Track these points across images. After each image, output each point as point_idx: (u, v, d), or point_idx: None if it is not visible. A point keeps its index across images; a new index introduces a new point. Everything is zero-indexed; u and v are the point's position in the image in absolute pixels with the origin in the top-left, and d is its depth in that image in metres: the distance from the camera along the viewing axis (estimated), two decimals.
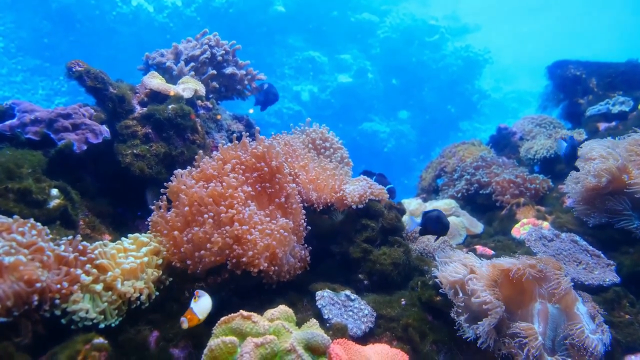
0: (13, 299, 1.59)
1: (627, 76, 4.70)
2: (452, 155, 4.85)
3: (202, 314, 1.84)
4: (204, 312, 1.86)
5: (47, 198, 2.24)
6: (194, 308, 1.83)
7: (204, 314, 1.85)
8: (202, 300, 1.88)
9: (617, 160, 2.84)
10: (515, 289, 2.18)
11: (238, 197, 2.29)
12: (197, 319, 1.83)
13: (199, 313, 1.83)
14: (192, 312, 1.82)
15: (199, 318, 1.83)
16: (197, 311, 1.83)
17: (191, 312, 1.82)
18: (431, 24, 18.32)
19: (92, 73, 2.76)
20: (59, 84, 14.37)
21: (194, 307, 1.84)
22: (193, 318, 1.82)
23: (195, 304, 1.85)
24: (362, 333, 2.17)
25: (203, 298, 1.89)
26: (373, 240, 2.77)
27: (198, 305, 1.85)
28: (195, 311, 1.83)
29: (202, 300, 1.88)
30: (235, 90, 3.84)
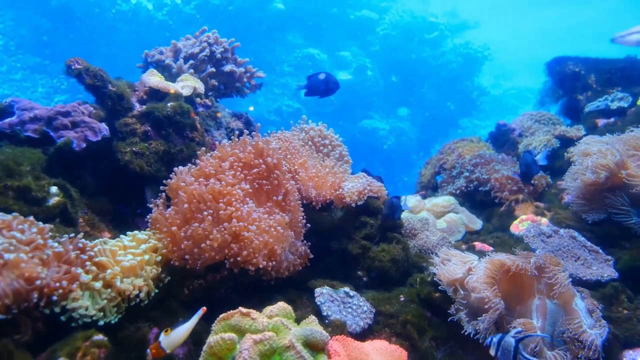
0: (12, 297, 1.60)
1: (625, 72, 4.70)
2: (451, 152, 4.85)
3: (170, 348, 1.71)
4: (172, 346, 1.71)
5: (46, 196, 2.24)
6: (162, 341, 1.70)
7: (171, 348, 1.72)
8: (175, 332, 1.72)
9: (616, 156, 2.84)
10: (514, 285, 2.19)
11: (236, 195, 2.30)
12: (164, 353, 1.70)
13: (166, 347, 1.69)
14: (159, 346, 1.69)
15: (165, 352, 1.70)
16: (164, 345, 1.69)
17: (158, 346, 1.69)
18: (430, 21, 18.31)
19: (91, 71, 2.76)
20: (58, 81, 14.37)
21: (163, 341, 1.70)
22: (159, 352, 1.69)
23: (166, 337, 1.70)
24: (361, 329, 2.18)
25: (176, 330, 1.72)
26: (372, 237, 2.78)
27: (167, 339, 1.70)
28: (163, 345, 1.69)
29: (175, 332, 1.72)
30: (235, 88, 3.84)
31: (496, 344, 1.86)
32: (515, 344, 1.80)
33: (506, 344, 1.83)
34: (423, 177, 5.09)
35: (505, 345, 1.83)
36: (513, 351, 1.80)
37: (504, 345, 1.83)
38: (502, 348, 1.84)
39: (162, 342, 1.70)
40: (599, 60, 4.98)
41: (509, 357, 1.81)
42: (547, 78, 5.37)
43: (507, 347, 1.82)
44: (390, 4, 18.76)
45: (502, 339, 1.85)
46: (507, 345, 1.82)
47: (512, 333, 1.88)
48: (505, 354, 1.83)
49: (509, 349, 1.81)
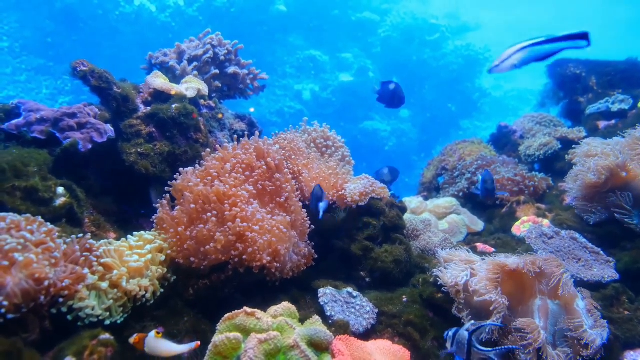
0: (21, 296, 1.62)
1: (626, 74, 4.71)
2: (453, 153, 4.87)
3: (149, 349, 1.70)
4: (151, 351, 1.71)
5: (53, 196, 2.27)
6: (148, 340, 1.70)
7: (149, 351, 1.71)
8: (162, 343, 1.72)
9: (617, 158, 2.86)
10: (516, 285, 2.20)
11: (242, 196, 2.32)
12: (142, 348, 1.71)
13: (146, 346, 1.70)
14: (142, 340, 1.71)
15: (143, 349, 1.71)
16: (147, 344, 1.70)
17: (142, 340, 1.71)
18: (432, 23, 18.31)
19: (96, 73, 2.78)
20: (62, 83, 14.41)
21: (149, 340, 1.70)
22: (138, 345, 1.71)
23: (153, 339, 1.70)
24: (364, 329, 2.19)
25: (165, 343, 1.72)
26: (375, 238, 2.80)
27: (153, 342, 1.70)
28: (146, 343, 1.70)
29: (162, 343, 1.72)
30: (238, 90, 3.86)
31: (451, 337, 1.90)
32: (468, 336, 1.83)
33: (460, 337, 1.87)
34: (425, 179, 5.10)
35: (459, 338, 1.87)
36: (467, 344, 1.83)
37: (458, 339, 1.87)
38: (456, 342, 1.87)
39: (147, 340, 1.71)
40: (600, 63, 5.00)
41: (463, 350, 1.84)
42: (548, 80, 5.39)
43: (461, 341, 1.85)
44: (392, 5, 18.78)
45: (456, 332, 1.89)
46: (461, 338, 1.86)
47: (466, 326, 1.91)
48: (459, 347, 1.86)
49: (463, 342, 1.84)
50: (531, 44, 1.96)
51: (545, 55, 2.00)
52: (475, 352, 1.82)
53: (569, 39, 1.94)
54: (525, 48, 1.97)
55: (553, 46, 1.97)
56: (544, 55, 2.00)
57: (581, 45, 1.91)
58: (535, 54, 2.00)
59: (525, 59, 2.01)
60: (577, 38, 1.90)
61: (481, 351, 1.81)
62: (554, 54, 2.01)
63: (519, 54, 1.99)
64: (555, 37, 1.95)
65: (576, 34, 1.94)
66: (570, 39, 1.94)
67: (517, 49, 1.97)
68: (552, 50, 1.98)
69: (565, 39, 1.95)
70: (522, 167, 4.35)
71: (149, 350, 1.72)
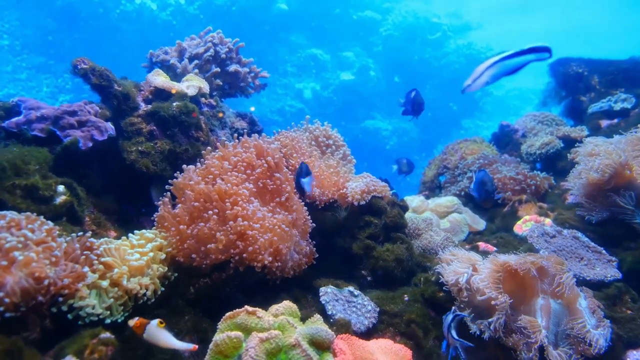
0: (21, 295, 1.61)
1: (629, 73, 4.69)
2: (454, 152, 4.85)
3: (147, 336, 1.71)
4: (150, 338, 1.71)
5: (53, 194, 2.26)
6: (149, 327, 1.71)
7: (148, 337, 1.71)
8: (163, 334, 1.71)
9: (620, 156, 2.85)
10: (518, 285, 2.19)
11: (242, 194, 2.31)
12: (140, 333, 1.71)
13: (146, 332, 1.70)
14: (143, 326, 1.71)
15: (142, 335, 1.71)
16: (147, 330, 1.70)
17: (143, 326, 1.71)
18: (433, 22, 18.31)
19: (97, 71, 2.78)
20: (63, 81, 14.42)
21: (150, 327, 1.71)
22: (138, 330, 1.72)
23: (155, 328, 1.71)
24: (366, 328, 2.19)
25: (165, 334, 1.72)
26: (376, 237, 2.79)
27: (155, 330, 1.71)
28: (147, 329, 1.70)
29: (163, 334, 1.71)
30: (239, 88, 3.85)
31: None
32: (448, 325, 1.99)
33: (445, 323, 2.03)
34: (426, 177, 5.09)
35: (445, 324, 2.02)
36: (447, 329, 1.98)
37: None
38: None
39: (149, 326, 1.71)
40: (602, 62, 4.98)
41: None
42: (550, 79, 5.37)
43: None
44: (393, 4, 18.77)
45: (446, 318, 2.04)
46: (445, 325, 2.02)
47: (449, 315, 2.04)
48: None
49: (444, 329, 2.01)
50: (501, 58, 1.99)
51: (514, 69, 2.04)
52: (451, 338, 1.96)
53: (534, 52, 1.98)
54: (496, 63, 2.00)
55: (521, 59, 2.00)
56: (513, 69, 2.03)
57: (544, 57, 1.96)
58: (505, 68, 2.04)
59: (497, 74, 2.04)
60: (541, 51, 1.94)
61: (453, 338, 1.95)
62: (522, 66, 2.04)
63: (490, 70, 2.00)
64: (522, 50, 1.99)
65: (540, 47, 1.98)
66: (536, 52, 1.97)
67: (487, 65, 1.99)
68: (521, 63, 2.02)
69: (531, 51, 1.98)
70: (524, 166, 4.34)
71: (147, 337, 1.71)
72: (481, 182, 3.00)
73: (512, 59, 1.98)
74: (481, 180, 3.01)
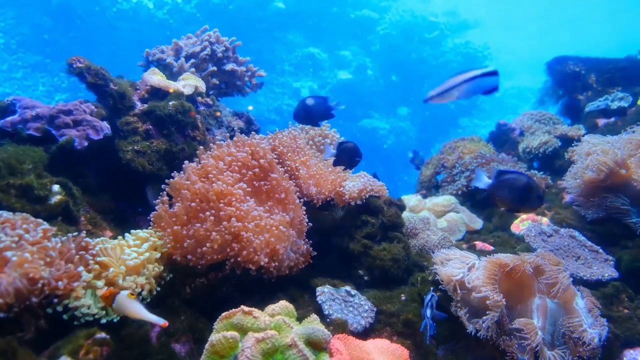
0: (14, 295, 1.60)
1: (626, 72, 4.70)
2: (452, 151, 4.85)
3: (116, 306, 1.68)
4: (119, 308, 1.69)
5: (48, 194, 2.25)
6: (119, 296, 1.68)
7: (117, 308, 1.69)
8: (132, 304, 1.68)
9: (617, 155, 2.85)
10: (515, 284, 2.19)
11: (237, 194, 2.30)
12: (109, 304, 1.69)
13: (116, 302, 1.67)
14: (112, 296, 1.68)
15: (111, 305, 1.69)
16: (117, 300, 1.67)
17: (112, 296, 1.68)
18: (431, 21, 18.30)
19: (92, 69, 2.76)
20: (59, 80, 14.37)
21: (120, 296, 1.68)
22: (107, 301, 1.69)
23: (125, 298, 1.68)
24: (363, 328, 2.18)
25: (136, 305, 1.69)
26: (373, 236, 2.79)
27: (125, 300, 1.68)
28: (116, 299, 1.68)
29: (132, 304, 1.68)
30: (236, 87, 3.85)
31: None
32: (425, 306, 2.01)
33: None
34: (423, 177, 5.09)
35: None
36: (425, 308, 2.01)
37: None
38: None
39: (118, 296, 1.68)
40: (600, 60, 4.99)
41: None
42: (548, 78, 5.38)
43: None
44: (391, 3, 18.76)
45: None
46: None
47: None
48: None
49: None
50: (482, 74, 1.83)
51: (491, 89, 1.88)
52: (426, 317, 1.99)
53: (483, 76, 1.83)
54: (476, 78, 1.84)
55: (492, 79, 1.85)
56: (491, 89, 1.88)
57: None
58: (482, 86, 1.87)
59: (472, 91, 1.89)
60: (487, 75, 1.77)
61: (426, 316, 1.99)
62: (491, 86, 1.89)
63: (466, 84, 1.86)
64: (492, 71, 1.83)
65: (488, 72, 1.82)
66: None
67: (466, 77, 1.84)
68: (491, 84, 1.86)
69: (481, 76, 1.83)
70: (521, 165, 4.34)
71: (117, 307, 1.69)
72: (527, 187, 2.33)
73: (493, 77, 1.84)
74: (528, 185, 2.33)
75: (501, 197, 2.30)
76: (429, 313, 1.98)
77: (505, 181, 2.28)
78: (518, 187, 2.27)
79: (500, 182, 2.28)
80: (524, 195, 2.26)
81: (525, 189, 2.25)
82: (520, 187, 2.26)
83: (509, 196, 2.27)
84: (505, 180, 2.28)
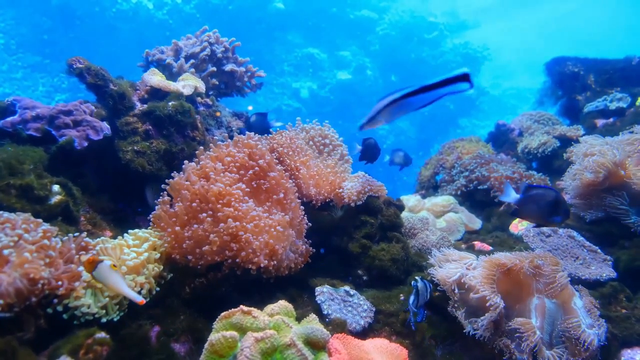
0: (15, 295, 1.61)
1: (625, 73, 4.71)
2: (450, 151, 4.86)
3: (97, 274, 1.71)
4: (99, 277, 1.72)
5: (48, 194, 2.25)
6: (102, 264, 1.71)
7: (98, 276, 1.71)
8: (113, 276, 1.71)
9: (615, 156, 2.86)
10: (513, 284, 2.20)
11: (236, 195, 2.31)
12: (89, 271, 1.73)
13: (97, 270, 1.71)
14: (94, 264, 1.71)
15: (91, 272, 1.72)
16: (99, 267, 1.71)
17: (94, 263, 1.71)
18: (430, 21, 18.35)
19: (92, 70, 2.77)
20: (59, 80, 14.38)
21: (103, 264, 1.71)
22: (88, 267, 1.73)
23: (107, 268, 1.72)
24: (361, 328, 2.19)
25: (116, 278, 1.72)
26: (372, 236, 2.79)
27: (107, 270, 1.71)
28: (99, 267, 1.71)
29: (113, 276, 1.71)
30: (235, 87, 3.85)
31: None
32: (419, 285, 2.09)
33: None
34: (422, 177, 5.09)
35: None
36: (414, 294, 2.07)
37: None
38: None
39: (100, 265, 1.72)
40: (598, 61, 5.00)
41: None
42: (547, 78, 5.39)
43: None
44: (390, 3, 18.79)
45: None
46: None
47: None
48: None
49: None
50: (402, 95, 1.71)
51: (421, 106, 1.77)
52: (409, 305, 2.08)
53: (449, 84, 1.66)
54: (397, 101, 1.74)
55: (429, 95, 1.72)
56: (420, 106, 1.77)
57: (463, 88, 1.65)
58: (406, 107, 1.77)
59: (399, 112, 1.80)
60: (457, 81, 1.64)
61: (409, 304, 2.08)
62: (432, 102, 1.74)
63: (389, 108, 1.77)
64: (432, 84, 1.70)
65: (455, 76, 1.68)
66: (451, 83, 1.66)
67: (386, 103, 1.75)
68: (429, 99, 1.73)
69: (445, 84, 1.67)
70: (519, 165, 4.35)
71: (97, 276, 1.72)
72: (556, 201, 2.35)
73: (417, 96, 1.72)
74: (556, 200, 2.35)
75: (529, 211, 2.31)
76: (411, 300, 2.05)
77: (534, 196, 2.28)
78: (546, 201, 2.28)
79: (528, 196, 2.28)
80: (552, 209, 2.27)
81: (554, 204, 2.26)
82: (549, 201, 2.27)
83: (537, 210, 2.28)
84: (534, 195, 2.29)
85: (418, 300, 2.07)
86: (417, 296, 2.07)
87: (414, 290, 2.08)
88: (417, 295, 2.07)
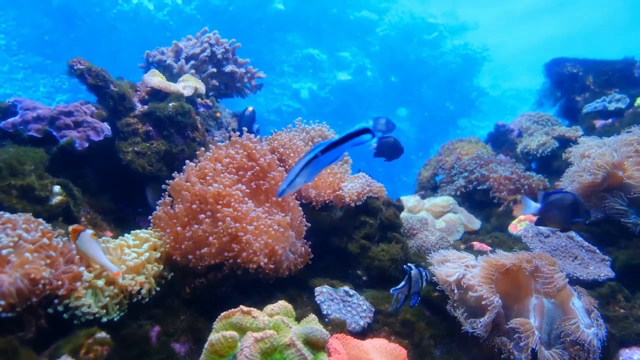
0: (16, 295, 1.62)
1: (623, 73, 4.72)
2: (450, 152, 4.87)
3: (79, 245, 1.79)
4: (81, 247, 1.79)
5: (49, 195, 2.26)
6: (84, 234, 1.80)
7: (80, 246, 1.81)
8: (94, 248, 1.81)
9: (614, 157, 2.87)
10: (512, 284, 2.21)
11: (235, 195, 2.32)
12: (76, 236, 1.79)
13: (79, 240, 1.78)
14: (78, 233, 1.79)
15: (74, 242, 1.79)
16: (81, 237, 1.79)
17: (77, 233, 1.79)
18: (430, 22, 18.36)
19: (93, 71, 2.78)
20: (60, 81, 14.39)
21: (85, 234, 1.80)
22: (77, 231, 1.81)
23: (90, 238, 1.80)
24: (361, 328, 2.19)
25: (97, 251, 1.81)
26: (371, 237, 2.80)
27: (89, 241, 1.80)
28: (81, 236, 1.79)
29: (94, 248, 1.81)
30: (235, 88, 3.86)
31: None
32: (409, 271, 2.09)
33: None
34: (422, 177, 5.11)
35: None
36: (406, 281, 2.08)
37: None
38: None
39: (82, 234, 1.81)
40: (597, 62, 5.01)
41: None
42: (546, 79, 5.40)
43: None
44: (390, 4, 18.80)
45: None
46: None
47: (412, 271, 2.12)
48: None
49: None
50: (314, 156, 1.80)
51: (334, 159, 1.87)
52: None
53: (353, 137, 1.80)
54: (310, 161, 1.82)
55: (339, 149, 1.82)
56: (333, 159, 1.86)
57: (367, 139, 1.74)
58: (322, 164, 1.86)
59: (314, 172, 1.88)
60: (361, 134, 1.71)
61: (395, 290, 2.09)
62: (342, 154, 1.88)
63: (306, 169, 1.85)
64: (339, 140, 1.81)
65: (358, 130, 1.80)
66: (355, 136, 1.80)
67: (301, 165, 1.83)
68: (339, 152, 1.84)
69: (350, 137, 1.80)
70: (519, 166, 4.36)
71: (79, 245, 1.79)
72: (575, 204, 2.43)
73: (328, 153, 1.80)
74: (575, 202, 2.43)
75: (552, 217, 2.40)
76: (400, 285, 2.08)
77: (554, 202, 2.37)
78: (566, 205, 2.37)
79: (549, 203, 2.36)
80: (573, 212, 2.37)
81: (573, 206, 2.35)
82: (568, 205, 2.36)
83: (560, 215, 2.37)
84: (554, 201, 2.37)
85: (410, 287, 2.08)
86: (409, 282, 2.07)
87: (407, 277, 2.09)
88: (410, 282, 2.08)
